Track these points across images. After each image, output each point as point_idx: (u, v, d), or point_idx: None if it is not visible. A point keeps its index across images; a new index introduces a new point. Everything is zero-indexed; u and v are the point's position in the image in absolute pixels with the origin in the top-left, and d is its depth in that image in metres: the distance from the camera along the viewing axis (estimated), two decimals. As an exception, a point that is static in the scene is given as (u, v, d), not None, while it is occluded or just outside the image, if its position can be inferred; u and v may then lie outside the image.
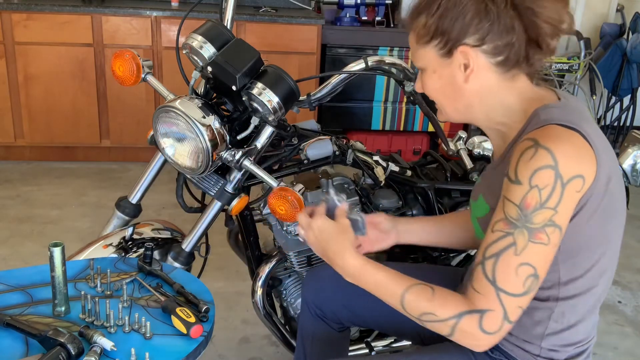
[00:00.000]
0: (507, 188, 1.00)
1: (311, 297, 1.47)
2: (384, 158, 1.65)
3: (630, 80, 4.21)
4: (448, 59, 1.08)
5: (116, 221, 1.57)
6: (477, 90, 1.09)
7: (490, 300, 0.99)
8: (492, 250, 1.00)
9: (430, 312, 1.04)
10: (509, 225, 0.99)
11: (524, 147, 0.99)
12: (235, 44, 1.32)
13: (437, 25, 1.06)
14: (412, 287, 1.07)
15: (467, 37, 1.04)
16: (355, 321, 1.47)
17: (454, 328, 1.02)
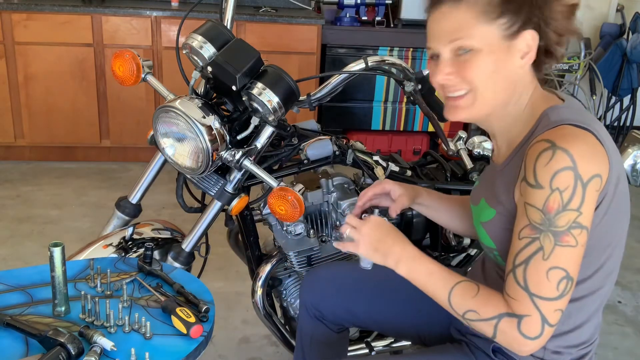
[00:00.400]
0: (527, 193, 0.99)
1: (309, 299, 1.47)
2: (384, 158, 1.65)
3: (630, 80, 4.21)
4: (510, 42, 1.02)
5: (116, 221, 1.57)
6: (518, 81, 1.07)
7: (526, 306, 0.99)
8: (520, 258, 1.00)
9: (473, 309, 1.04)
10: (534, 230, 0.98)
11: (539, 149, 0.98)
12: (235, 44, 1.32)
13: (508, 3, 1.00)
14: (461, 282, 1.06)
15: (532, 22, 1.02)
16: (354, 322, 1.47)
17: (495, 329, 1.02)
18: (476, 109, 1.06)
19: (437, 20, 1.05)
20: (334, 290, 1.45)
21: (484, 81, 1.03)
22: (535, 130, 1.05)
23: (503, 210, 1.09)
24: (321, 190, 1.57)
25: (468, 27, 1.01)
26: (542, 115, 1.06)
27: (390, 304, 1.42)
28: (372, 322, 1.46)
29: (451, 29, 1.03)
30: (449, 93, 1.07)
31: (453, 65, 1.04)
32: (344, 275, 1.48)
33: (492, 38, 1.01)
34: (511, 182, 1.07)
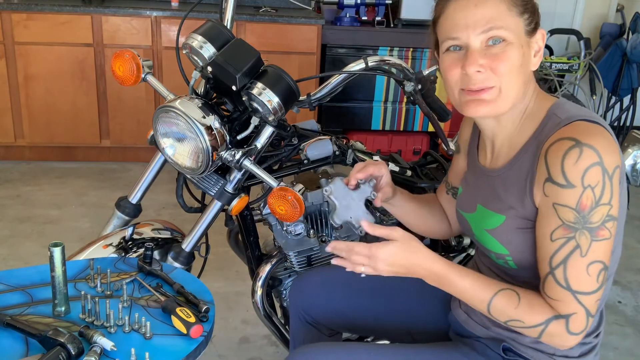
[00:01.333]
0: (556, 194, 0.98)
1: (300, 304, 1.46)
2: (384, 158, 1.65)
3: (630, 80, 4.21)
4: (530, 38, 1.04)
5: (116, 221, 1.57)
6: (529, 79, 1.07)
7: (571, 305, 1.00)
8: (557, 259, 1.00)
9: (517, 319, 1.04)
10: (568, 230, 0.98)
11: (564, 148, 0.97)
12: (235, 44, 1.32)
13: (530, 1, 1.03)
14: (499, 293, 1.05)
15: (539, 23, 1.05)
16: (346, 326, 1.45)
17: (541, 333, 1.03)
18: (499, 103, 1.04)
19: (466, 9, 1.02)
20: (325, 294, 1.43)
21: (512, 75, 1.02)
22: (544, 129, 1.04)
23: (515, 214, 1.08)
24: (321, 190, 1.57)
25: (503, 17, 1.00)
26: (548, 113, 1.06)
27: (383, 306, 1.41)
28: (365, 326, 1.44)
29: (487, 18, 1.00)
30: (474, 86, 1.03)
31: (485, 56, 1.02)
32: (334, 279, 1.45)
33: (520, 31, 1.02)
34: (522, 184, 1.06)
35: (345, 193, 1.18)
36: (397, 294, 1.41)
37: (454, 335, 1.33)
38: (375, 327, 1.42)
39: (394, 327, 1.41)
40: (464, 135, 1.33)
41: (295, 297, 1.47)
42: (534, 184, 1.04)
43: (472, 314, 1.24)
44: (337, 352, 1.19)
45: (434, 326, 1.39)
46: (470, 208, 1.20)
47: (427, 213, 1.38)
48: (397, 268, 1.07)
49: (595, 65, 4.18)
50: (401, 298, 1.41)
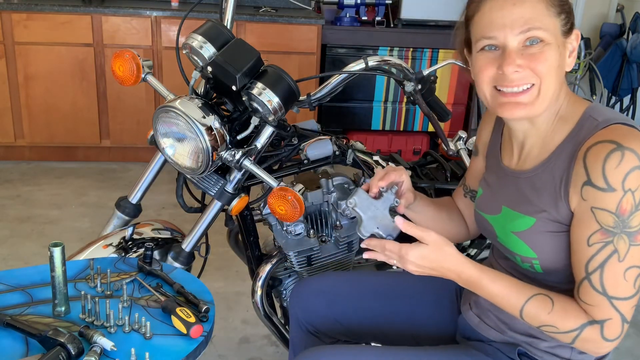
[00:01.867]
0: (595, 198, 0.97)
1: (301, 313, 1.44)
2: (384, 158, 1.65)
3: (630, 80, 4.21)
4: (565, 39, 1.03)
5: (116, 221, 1.57)
6: (563, 80, 1.06)
7: (606, 311, 0.99)
8: (594, 264, 0.99)
9: (550, 324, 1.03)
10: (606, 234, 0.97)
11: (605, 151, 0.96)
12: (235, 44, 1.32)
13: (565, 1, 1.02)
14: (532, 298, 1.04)
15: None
16: (347, 334, 1.43)
17: (575, 338, 1.02)
18: (536, 106, 1.03)
19: (504, 8, 1.00)
20: (325, 303, 1.41)
21: (551, 76, 1.01)
22: (581, 131, 1.03)
23: (547, 217, 1.06)
24: (321, 190, 1.57)
25: (541, 17, 0.99)
26: (584, 115, 1.05)
27: (386, 312, 1.39)
28: (368, 333, 1.42)
29: (525, 18, 0.99)
30: (511, 88, 1.02)
31: (522, 56, 1.00)
32: (334, 286, 1.43)
33: (557, 32, 1.01)
34: (556, 187, 1.04)
35: (369, 203, 1.14)
36: (401, 298, 1.40)
37: (461, 338, 1.32)
38: (378, 333, 1.40)
39: (397, 333, 1.39)
40: (483, 137, 1.30)
41: (295, 306, 1.45)
42: (570, 187, 1.02)
43: (485, 318, 1.23)
44: (344, 355, 1.18)
45: (439, 330, 1.37)
46: (494, 210, 1.18)
47: (446, 217, 1.35)
48: (426, 270, 1.07)
49: (595, 65, 4.18)
50: (405, 302, 1.39)
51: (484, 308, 1.23)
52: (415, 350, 1.21)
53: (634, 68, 4.17)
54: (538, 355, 1.15)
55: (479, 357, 1.19)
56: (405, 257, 1.05)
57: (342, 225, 1.60)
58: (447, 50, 4.00)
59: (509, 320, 1.18)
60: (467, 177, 1.37)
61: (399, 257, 1.06)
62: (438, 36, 3.96)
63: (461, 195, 1.39)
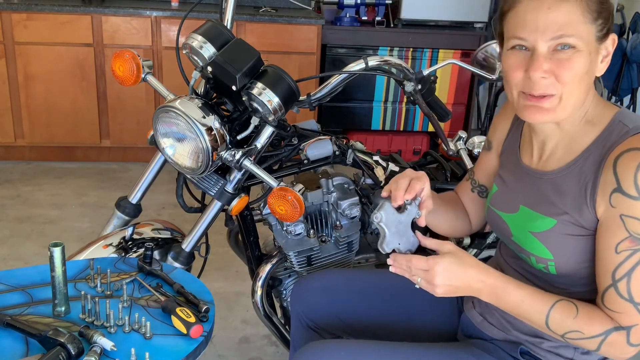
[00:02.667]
0: (625, 205, 0.97)
1: (302, 309, 1.44)
2: (384, 158, 1.65)
3: (630, 80, 4.21)
4: (600, 44, 1.00)
5: (116, 221, 1.57)
6: (592, 85, 1.05)
7: (633, 317, 0.99)
8: (622, 272, 0.99)
9: (576, 330, 1.02)
10: (635, 242, 0.97)
11: (638, 160, 0.96)
12: (235, 44, 1.32)
13: (605, 3, 0.99)
14: (557, 304, 1.04)
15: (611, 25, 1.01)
16: (348, 330, 1.43)
17: (600, 344, 1.02)
18: (557, 112, 1.02)
19: (539, 10, 0.97)
20: (326, 300, 1.41)
21: (575, 83, 0.99)
22: (610, 136, 1.03)
23: (568, 220, 1.05)
24: (321, 190, 1.57)
25: (576, 24, 0.96)
26: (613, 120, 1.04)
27: (387, 309, 1.39)
28: (368, 330, 1.42)
29: (559, 24, 0.96)
30: (536, 92, 1.01)
31: (550, 61, 0.98)
32: (335, 283, 1.44)
33: (591, 38, 0.98)
34: (581, 191, 1.04)
35: (395, 219, 1.10)
36: (402, 296, 1.40)
37: (462, 336, 1.32)
38: (378, 330, 1.40)
39: (397, 330, 1.39)
40: (499, 133, 1.28)
41: (296, 303, 1.45)
42: (598, 193, 1.01)
43: (489, 316, 1.23)
44: (348, 349, 1.18)
45: (439, 328, 1.37)
46: (510, 208, 1.17)
47: (453, 215, 1.34)
48: (453, 282, 1.05)
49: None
50: (405, 300, 1.39)
51: (488, 306, 1.23)
52: (415, 347, 1.21)
53: (634, 68, 4.17)
54: (541, 355, 1.15)
55: (481, 354, 1.19)
56: (434, 268, 1.03)
57: (342, 225, 1.60)
58: (447, 50, 4.00)
59: (513, 319, 1.18)
60: (476, 171, 1.35)
61: (427, 270, 1.04)
62: (438, 36, 3.96)
63: (467, 189, 1.37)
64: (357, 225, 1.61)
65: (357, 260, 1.72)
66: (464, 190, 1.38)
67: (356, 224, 1.61)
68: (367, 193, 1.67)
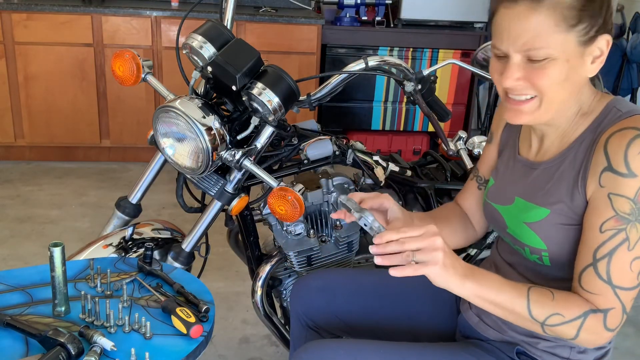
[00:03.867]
0: (614, 183, 0.96)
1: (301, 309, 1.44)
2: (384, 158, 1.65)
3: (630, 80, 4.21)
4: (585, 48, 0.98)
5: (116, 221, 1.57)
6: (584, 84, 1.04)
7: (610, 299, 0.98)
8: (603, 251, 0.98)
9: (557, 312, 0.99)
10: (620, 221, 0.96)
11: (629, 137, 0.96)
12: (235, 44, 1.32)
13: (587, 6, 0.95)
14: (532, 288, 1.01)
15: (607, 25, 0.98)
16: (347, 330, 1.43)
17: (579, 329, 1.00)
18: (539, 114, 1.02)
19: (511, 20, 0.97)
20: (325, 299, 1.42)
21: (553, 89, 0.99)
22: (603, 121, 1.03)
23: (561, 208, 1.05)
24: (321, 190, 1.57)
25: (546, 36, 0.95)
26: (607, 107, 1.04)
27: (386, 309, 1.39)
28: (367, 329, 1.42)
29: (528, 36, 0.95)
30: (513, 96, 1.02)
31: (523, 70, 0.99)
32: (335, 282, 1.44)
33: (569, 45, 0.96)
34: (574, 177, 1.04)
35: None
36: (400, 295, 1.40)
37: (460, 337, 1.32)
38: (377, 330, 1.40)
39: (396, 330, 1.39)
40: (499, 125, 1.29)
41: (295, 302, 1.46)
42: (589, 174, 1.01)
43: (485, 317, 1.23)
44: (347, 349, 1.18)
45: (438, 328, 1.37)
46: (505, 200, 1.17)
47: (448, 231, 1.31)
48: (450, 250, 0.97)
49: (595, 65, 4.17)
50: (404, 300, 1.40)
51: None
52: (414, 346, 1.21)
53: (634, 68, 4.17)
54: (537, 355, 1.16)
55: (478, 354, 1.19)
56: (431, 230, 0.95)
57: (342, 225, 1.60)
58: (447, 50, 4.00)
59: None
60: (480, 167, 1.34)
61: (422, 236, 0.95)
62: (438, 36, 3.96)
63: (473, 189, 1.35)
64: (357, 225, 1.61)
65: (357, 260, 1.72)
66: (469, 193, 1.36)
67: (356, 224, 1.61)
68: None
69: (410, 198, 1.72)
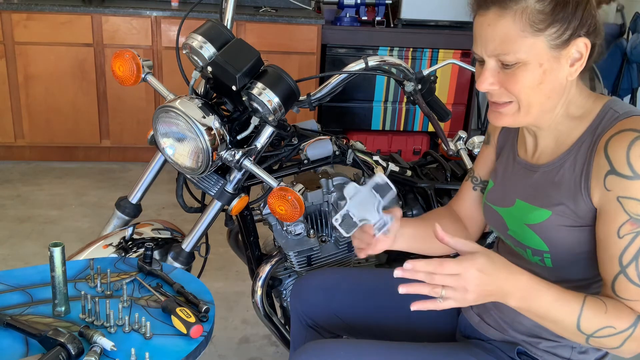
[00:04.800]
0: (621, 187, 0.95)
1: (301, 308, 1.44)
2: (384, 158, 1.65)
3: (630, 80, 4.21)
4: (559, 51, 0.98)
5: (116, 221, 1.57)
6: (568, 87, 1.03)
7: None
8: (628, 256, 0.96)
9: (609, 325, 0.95)
10: (635, 224, 0.95)
11: (629, 139, 0.95)
12: (235, 44, 1.32)
13: (557, 10, 0.95)
14: (587, 300, 0.96)
15: (585, 27, 0.97)
16: (347, 329, 1.44)
17: (627, 338, 0.96)
18: (520, 117, 1.03)
19: (482, 26, 1.00)
20: (325, 298, 1.42)
21: (529, 94, 1.00)
22: (601, 123, 1.02)
23: (563, 210, 1.04)
24: (321, 190, 1.57)
25: (514, 41, 0.96)
26: (604, 109, 1.04)
27: (385, 308, 1.39)
28: (367, 329, 1.42)
29: (497, 41, 0.97)
30: (492, 99, 1.04)
31: (498, 75, 1.00)
32: (335, 281, 1.44)
33: (539, 49, 0.97)
34: (576, 180, 1.03)
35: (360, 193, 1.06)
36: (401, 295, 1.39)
37: (460, 337, 1.32)
38: (377, 330, 1.41)
39: (396, 330, 1.39)
40: (496, 128, 1.29)
41: (295, 301, 1.46)
42: (591, 179, 1.00)
43: (486, 317, 1.23)
44: (346, 349, 1.18)
45: (438, 328, 1.37)
46: (506, 202, 1.17)
47: (454, 229, 1.31)
48: (487, 286, 0.93)
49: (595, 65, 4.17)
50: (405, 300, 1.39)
51: (485, 307, 1.23)
52: (414, 346, 1.20)
53: (634, 68, 4.17)
54: (538, 355, 1.15)
55: (479, 354, 1.19)
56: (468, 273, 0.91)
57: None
58: (447, 50, 4.00)
59: (510, 319, 1.18)
60: (476, 168, 1.34)
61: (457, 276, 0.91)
62: (438, 36, 3.96)
63: (468, 191, 1.35)
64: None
65: (357, 260, 1.72)
66: (464, 195, 1.36)
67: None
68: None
69: (410, 198, 1.72)
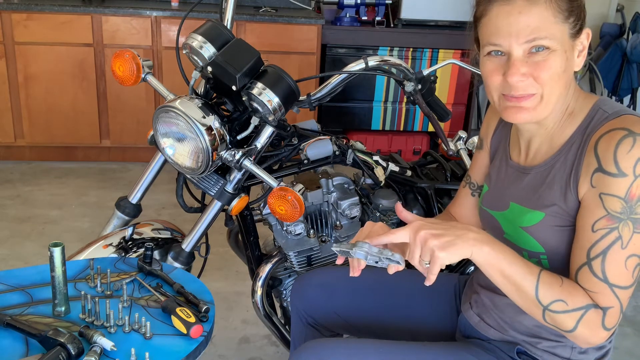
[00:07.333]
0: (605, 183, 0.97)
1: (301, 306, 1.44)
2: (384, 158, 1.65)
3: (630, 80, 4.21)
4: (574, 40, 1.02)
5: (116, 221, 1.57)
6: (572, 80, 1.06)
7: (608, 298, 0.98)
8: (597, 250, 0.98)
9: (562, 299, 0.99)
10: (612, 220, 0.97)
11: (617, 137, 0.97)
12: (235, 44, 1.32)
13: (575, 1, 1.00)
14: (543, 270, 1.01)
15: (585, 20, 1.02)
16: (347, 327, 1.44)
17: (579, 321, 0.99)
18: (539, 110, 1.04)
19: (510, 15, 0.99)
20: (325, 296, 1.42)
21: (554, 82, 1.01)
22: (591, 123, 1.04)
23: (556, 211, 1.06)
24: (321, 190, 1.57)
25: (548, 26, 0.98)
26: (593, 108, 1.05)
27: (386, 307, 1.40)
28: (367, 327, 1.43)
29: (531, 27, 0.98)
30: (516, 92, 1.02)
31: (526, 65, 1.00)
32: (335, 280, 1.44)
33: (564, 37, 1.00)
34: (566, 179, 1.04)
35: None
36: (400, 295, 1.40)
37: (460, 337, 1.32)
38: (377, 329, 1.41)
39: (396, 329, 1.39)
40: (489, 131, 1.29)
41: (295, 299, 1.46)
42: (580, 176, 1.02)
43: (486, 317, 1.23)
44: (346, 348, 1.18)
45: (438, 328, 1.37)
46: (500, 206, 1.17)
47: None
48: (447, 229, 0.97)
49: (595, 65, 4.18)
50: (404, 299, 1.40)
51: (485, 307, 1.23)
52: (414, 345, 1.20)
53: (634, 68, 4.17)
54: (538, 355, 1.16)
55: (478, 353, 1.19)
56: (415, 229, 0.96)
57: (342, 225, 1.60)
58: (447, 50, 4.00)
59: (511, 319, 1.18)
60: (472, 173, 1.35)
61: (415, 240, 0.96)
62: (438, 36, 3.96)
63: (467, 196, 1.35)
64: (357, 225, 1.61)
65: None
66: (462, 201, 1.36)
67: (356, 224, 1.61)
68: (367, 193, 1.67)
69: (410, 198, 1.72)
